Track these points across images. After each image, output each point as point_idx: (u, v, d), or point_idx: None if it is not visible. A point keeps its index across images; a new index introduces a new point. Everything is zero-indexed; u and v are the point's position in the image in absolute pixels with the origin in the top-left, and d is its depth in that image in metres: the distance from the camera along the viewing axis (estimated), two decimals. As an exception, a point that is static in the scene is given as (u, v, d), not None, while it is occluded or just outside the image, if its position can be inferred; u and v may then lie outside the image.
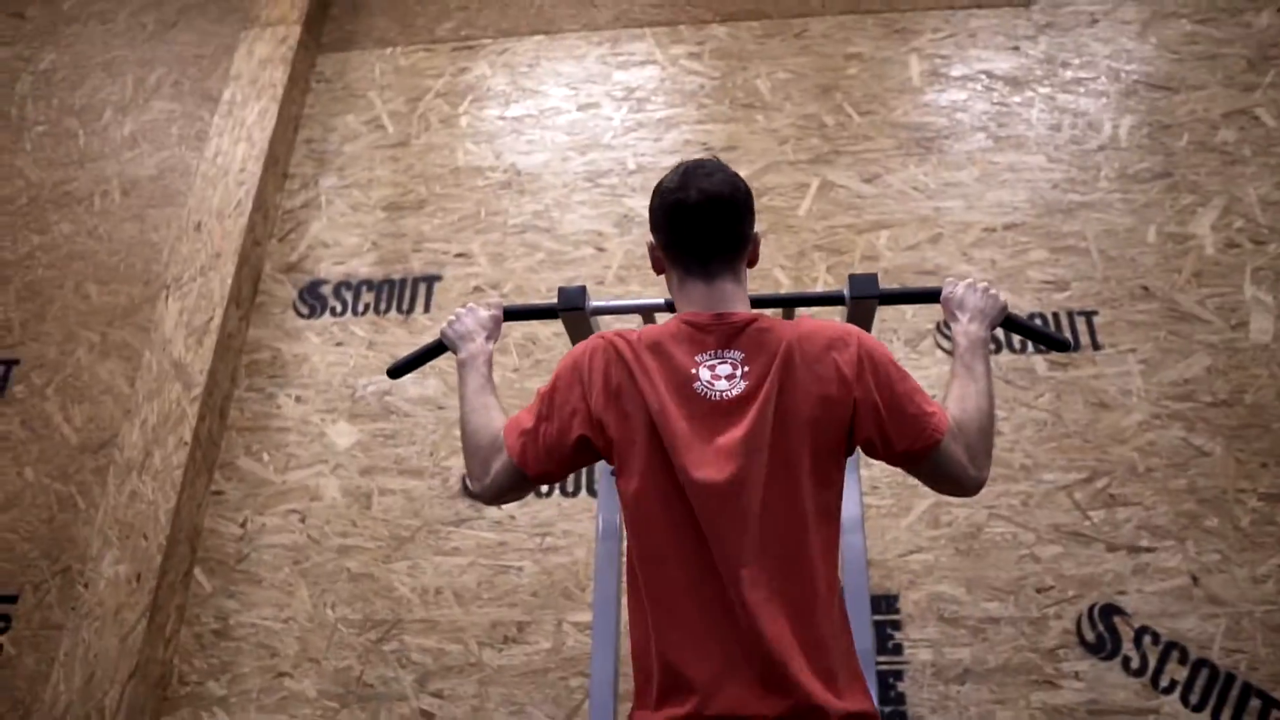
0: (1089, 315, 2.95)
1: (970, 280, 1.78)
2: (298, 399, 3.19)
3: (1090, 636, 2.52)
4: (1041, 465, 2.75)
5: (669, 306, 2.04)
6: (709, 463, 1.36)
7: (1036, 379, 2.87)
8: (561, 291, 1.95)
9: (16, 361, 3.33)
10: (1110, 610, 2.55)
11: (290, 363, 3.25)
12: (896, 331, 2.99)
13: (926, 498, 2.73)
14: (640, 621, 1.38)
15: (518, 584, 2.79)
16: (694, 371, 1.44)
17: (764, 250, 3.22)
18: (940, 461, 1.43)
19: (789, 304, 1.95)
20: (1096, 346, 2.90)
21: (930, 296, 1.86)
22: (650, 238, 1.63)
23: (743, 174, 3.41)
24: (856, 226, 3.21)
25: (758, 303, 2.21)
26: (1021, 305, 2.96)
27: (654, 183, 3.33)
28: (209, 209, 3.34)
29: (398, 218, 3.46)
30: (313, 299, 3.36)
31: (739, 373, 1.43)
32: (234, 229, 3.29)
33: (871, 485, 2.77)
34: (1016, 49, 3.49)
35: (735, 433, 1.37)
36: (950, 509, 2.72)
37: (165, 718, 2.74)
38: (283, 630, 2.82)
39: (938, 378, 2.85)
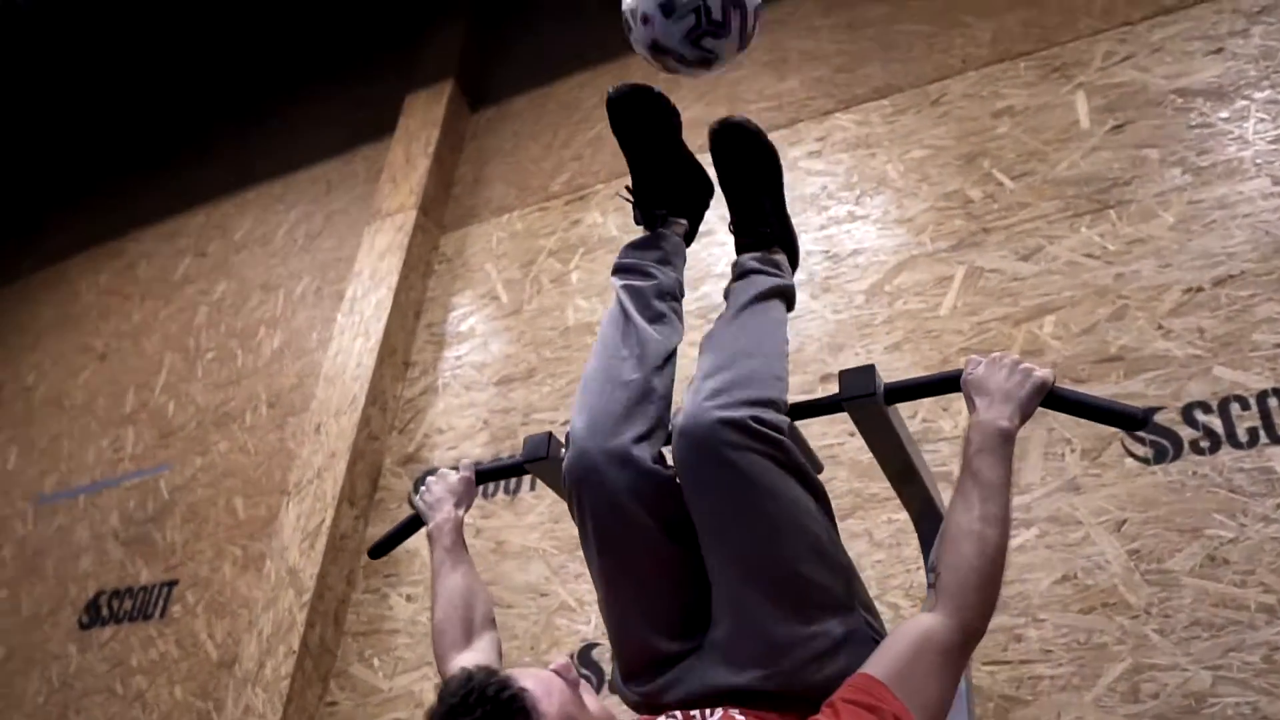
0: (1361, 385, 2.01)
1: (996, 355, 1.36)
2: (408, 597, 2.97)
3: None
4: (1307, 614, 1.83)
5: None
6: None
7: (1277, 481, 1.97)
8: (527, 441, 1.74)
9: (176, 582, 3.42)
10: None
11: (403, 559, 3.04)
12: (1070, 442, 2.22)
13: (1119, 660, 1.90)
14: None
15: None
16: None
17: (899, 366, 2.60)
18: None
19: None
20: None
21: (949, 384, 1.45)
22: None
23: (872, 279, 2.87)
24: (1013, 316, 2.51)
25: None
26: (1248, 383, 2.08)
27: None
28: (328, 409, 3.30)
29: (508, 391, 3.23)
30: (426, 488, 3.17)
31: None
32: (347, 426, 3.21)
33: (1043, 649, 2.00)
34: (1219, 51, 2.67)
35: None
36: (1156, 674, 1.86)
37: None
38: None
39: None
